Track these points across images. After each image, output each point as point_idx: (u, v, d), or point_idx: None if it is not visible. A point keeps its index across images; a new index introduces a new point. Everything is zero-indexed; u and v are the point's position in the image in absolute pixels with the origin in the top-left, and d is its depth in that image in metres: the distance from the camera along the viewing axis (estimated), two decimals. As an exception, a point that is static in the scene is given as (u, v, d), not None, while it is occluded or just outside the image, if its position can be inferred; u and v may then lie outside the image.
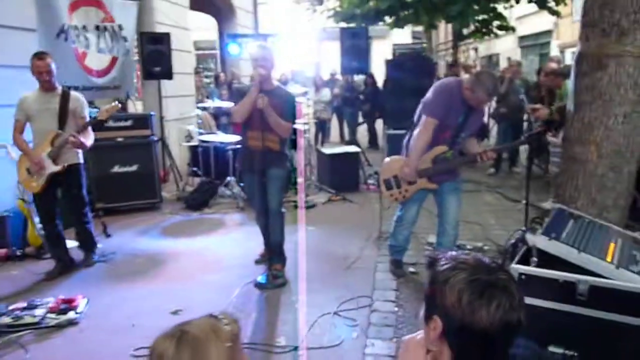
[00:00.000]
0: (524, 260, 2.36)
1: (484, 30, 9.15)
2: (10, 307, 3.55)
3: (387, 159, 4.13)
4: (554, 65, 7.76)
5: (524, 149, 8.53)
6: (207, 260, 4.68)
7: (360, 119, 11.02)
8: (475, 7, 8.07)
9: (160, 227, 5.78)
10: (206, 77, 13.09)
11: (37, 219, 4.86)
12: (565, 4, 9.00)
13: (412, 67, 5.81)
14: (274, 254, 4.11)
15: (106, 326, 3.43)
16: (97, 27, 6.84)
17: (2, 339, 3.19)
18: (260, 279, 4.07)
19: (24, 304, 3.61)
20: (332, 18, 14.47)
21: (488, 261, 1.24)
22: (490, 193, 6.99)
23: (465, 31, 9.03)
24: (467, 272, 1.19)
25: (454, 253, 1.28)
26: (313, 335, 3.25)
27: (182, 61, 8.37)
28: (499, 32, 9.30)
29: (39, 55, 4.17)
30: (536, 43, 29.52)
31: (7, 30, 5.08)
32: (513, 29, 9.27)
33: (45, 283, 4.22)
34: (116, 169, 6.11)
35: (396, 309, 3.60)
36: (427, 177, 3.82)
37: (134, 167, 6.25)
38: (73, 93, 4.40)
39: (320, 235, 5.29)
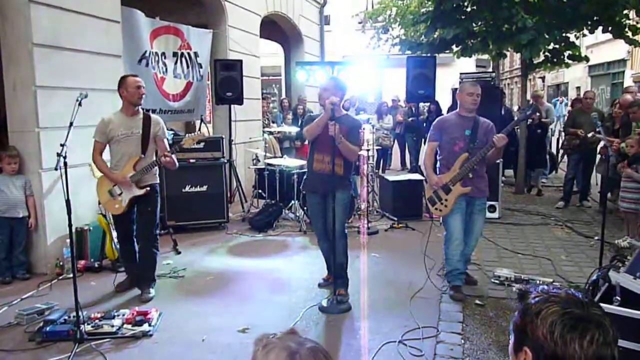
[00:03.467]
0: (606, 299, 2.28)
1: (554, 59, 8.91)
2: (90, 316, 3.76)
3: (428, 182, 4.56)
4: (629, 97, 7.48)
5: (594, 183, 8.22)
6: (273, 281, 4.78)
7: (423, 146, 10.96)
8: (546, 35, 7.90)
9: (227, 247, 5.95)
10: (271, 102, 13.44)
11: (114, 234, 5.15)
12: (643, 33, 8.64)
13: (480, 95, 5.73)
14: (337, 277, 4.15)
15: (178, 340, 3.56)
16: (175, 54, 7.27)
17: (83, 346, 3.36)
18: (325, 302, 4.11)
19: (102, 314, 3.81)
20: (397, 46, 14.63)
21: (581, 296, 1.23)
22: (560, 227, 6.74)
23: (535, 60, 8.82)
24: (560, 305, 1.19)
25: (545, 287, 1.28)
26: (378, 362, 3.24)
27: (251, 87, 8.68)
28: (570, 62, 9.01)
29: (130, 75, 4.43)
30: (608, 72, 28.50)
31: (97, 57, 5.48)
32: (587, 59, 8.98)
33: (121, 295, 4.44)
34: (187, 188, 6.39)
35: (462, 341, 3.53)
36: (459, 181, 4.26)
37: (204, 188, 6.51)
38: (154, 117, 4.55)
39: (383, 262, 5.29)
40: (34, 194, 4.91)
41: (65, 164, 3.34)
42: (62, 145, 3.36)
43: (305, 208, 6.71)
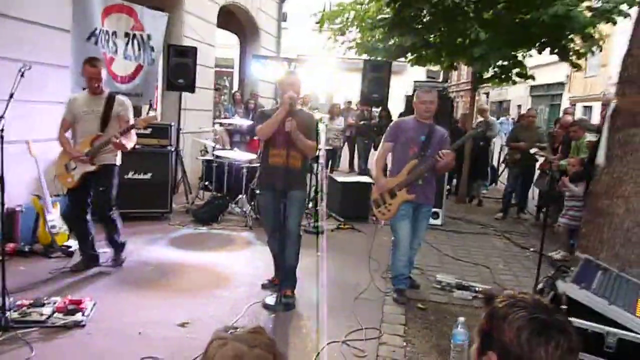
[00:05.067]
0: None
1: (502, 76, 9.23)
2: (17, 303, 3.52)
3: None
4: (569, 117, 7.88)
5: (531, 197, 8.57)
6: (216, 275, 4.66)
7: (372, 150, 11.07)
8: (497, 51, 8.15)
9: (169, 238, 5.76)
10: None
11: (49, 217, 4.87)
12: (586, 59, 9.10)
13: None
14: (286, 278, 4.09)
15: (113, 332, 3.39)
16: (127, 34, 6.96)
17: (8, 334, 3.14)
18: (269, 300, 4.04)
19: (30, 301, 3.57)
20: (352, 49, 14.71)
21: (546, 302, 1.24)
22: (498, 237, 6.97)
23: (484, 75, 9.10)
24: (527, 310, 1.19)
25: (511, 291, 1.28)
26: (321, 361, 3.20)
27: (204, 76, 8.47)
28: (517, 79, 9.36)
29: (91, 62, 4.37)
30: (547, 94, 30.00)
31: (44, 29, 5.16)
32: (533, 78, 9.35)
33: (52, 282, 4.20)
34: (130, 175, 6.11)
35: (404, 343, 3.56)
36: (405, 187, 4.29)
37: (148, 176, 6.27)
38: (118, 97, 4.53)
39: (329, 263, 5.25)
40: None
41: (1, 137, 3.10)
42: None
43: (252, 203, 6.60)
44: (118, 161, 4.58)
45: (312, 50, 15.62)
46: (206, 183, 7.19)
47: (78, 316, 3.45)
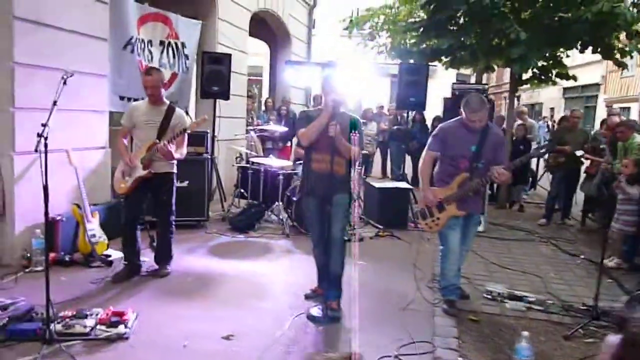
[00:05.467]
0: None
1: (542, 77, 8.93)
2: (60, 314, 3.45)
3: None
4: (616, 118, 7.53)
5: (578, 202, 8.22)
6: (257, 286, 4.53)
7: (406, 156, 10.86)
8: (537, 51, 7.87)
9: (208, 246, 5.67)
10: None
11: (89, 226, 4.83)
12: (632, 57, 8.73)
13: None
14: (331, 288, 3.92)
15: (157, 345, 3.28)
16: (161, 43, 6.96)
17: (52, 347, 3.06)
18: (314, 312, 3.88)
19: (73, 312, 3.50)
20: (381, 54, 14.55)
21: None
22: (544, 244, 6.68)
23: (523, 77, 8.81)
24: None
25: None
26: (375, 378, 3.03)
27: (238, 83, 8.41)
28: (557, 80, 9.04)
29: (148, 71, 4.53)
30: (582, 95, 29.20)
31: (81, 37, 5.15)
32: (575, 78, 9.01)
33: (94, 292, 4.14)
34: (167, 183, 6.05)
35: (460, 358, 3.35)
36: (455, 202, 4.06)
37: (185, 183, 6.20)
38: (178, 110, 4.60)
39: (370, 271, 5.08)
40: (4, 179, 4.54)
41: (45, 145, 3.04)
42: (43, 125, 3.07)
43: (289, 210, 6.48)
44: (175, 169, 4.65)
45: (341, 55, 15.52)
46: (241, 190, 7.10)
47: (121, 328, 3.36)
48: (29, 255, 4.55)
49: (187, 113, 7.02)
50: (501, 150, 4.20)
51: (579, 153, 7.54)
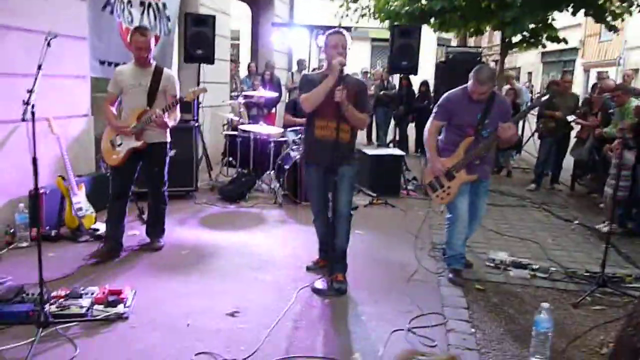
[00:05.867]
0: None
1: (531, 40, 8.80)
2: (53, 294, 3.24)
3: (427, 167, 4.24)
4: (611, 82, 7.45)
5: (566, 167, 8.22)
6: (254, 257, 4.37)
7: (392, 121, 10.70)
8: (530, 14, 7.71)
9: (199, 217, 5.48)
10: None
11: (75, 199, 4.58)
12: (623, 19, 8.63)
13: (466, 72, 5.48)
14: (336, 261, 3.78)
15: (159, 324, 3.11)
16: (142, 3, 6.57)
17: (48, 330, 2.86)
18: (319, 284, 3.75)
19: (67, 292, 3.29)
20: (364, 17, 14.18)
21: None
22: (537, 209, 6.66)
23: (513, 40, 8.67)
24: None
25: None
26: (391, 354, 2.92)
27: (221, 47, 8.05)
28: (547, 43, 8.93)
29: (140, 31, 4.08)
30: (560, 60, 29.27)
31: (57, -3, 4.77)
32: (565, 41, 8.91)
33: (85, 269, 3.92)
34: (154, 152, 5.78)
35: (472, 330, 3.27)
36: (464, 168, 3.98)
37: (172, 153, 5.91)
38: (166, 71, 4.26)
39: (368, 241, 4.97)
40: (-19, 150, 4.25)
41: (33, 113, 2.77)
42: (29, 92, 2.79)
43: (281, 179, 6.30)
44: (168, 137, 4.35)
45: (324, 19, 15.06)
46: (230, 159, 6.87)
47: (120, 308, 3.18)
48: (12, 230, 4.29)
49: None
50: (508, 116, 4.05)
51: (570, 118, 7.49)
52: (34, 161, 2.80)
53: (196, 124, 6.24)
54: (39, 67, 2.93)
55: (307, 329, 3.17)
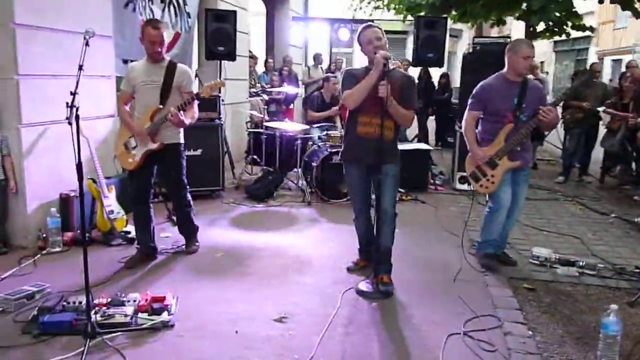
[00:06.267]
0: None
1: (555, 29, 8.59)
2: (94, 302, 3.14)
3: (467, 156, 4.16)
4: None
5: (594, 159, 8.04)
6: (292, 259, 4.26)
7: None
8: (558, 2, 7.51)
9: (229, 218, 5.37)
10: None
11: (106, 201, 4.48)
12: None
13: (494, 63, 5.31)
14: (381, 262, 3.64)
15: (206, 332, 3.01)
16: (162, 0, 6.43)
17: (94, 341, 2.76)
18: (363, 286, 3.63)
19: (108, 299, 3.19)
20: (378, 9, 14.00)
21: None
22: (570, 203, 6.50)
23: (538, 29, 8.46)
24: None
25: None
26: (450, 360, 2.80)
27: (241, 43, 7.90)
28: (572, 32, 8.72)
29: (153, 24, 3.85)
30: (573, 48, 28.88)
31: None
32: (591, 29, 8.69)
33: (122, 274, 3.82)
34: (180, 152, 5.68)
35: (530, 332, 3.14)
36: (506, 155, 3.93)
37: (198, 152, 5.85)
38: (180, 66, 4.02)
39: (405, 239, 4.80)
40: (11, 154, 4.14)
41: (77, 117, 2.66)
42: (72, 94, 2.69)
43: (309, 177, 6.17)
44: (182, 139, 4.14)
45: (338, 12, 14.89)
46: (254, 157, 6.75)
47: (164, 315, 3.07)
48: (44, 235, 4.20)
49: (197, 76, 6.57)
50: (543, 100, 4.01)
51: (600, 109, 7.29)
52: (79, 167, 2.70)
53: (222, 122, 6.11)
54: (80, 68, 2.85)
55: (359, 335, 3.05)
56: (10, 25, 3.91)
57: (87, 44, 2.95)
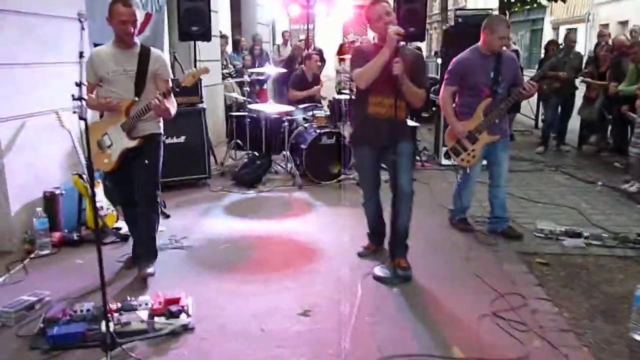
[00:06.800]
0: None
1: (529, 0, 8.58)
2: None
3: (446, 131, 4.28)
4: (624, 38, 7.34)
5: (572, 127, 8.16)
6: (300, 246, 4.11)
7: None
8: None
9: (221, 206, 5.15)
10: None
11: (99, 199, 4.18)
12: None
13: (476, 35, 5.24)
14: (398, 244, 3.54)
15: (231, 332, 2.84)
16: (131, -22, 6.01)
17: (114, 352, 2.55)
18: (380, 271, 3.52)
19: (117, 305, 2.97)
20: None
21: None
22: (555, 173, 6.57)
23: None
24: None
25: None
26: (491, 345, 2.73)
27: (214, 22, 7.56)
28: (544, 3, 8.75)
29: (123, 1, 3.28)
30: (527, 19, 29.33)
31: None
32: (564, 0, 8.73)
33: (123, 275, 3.59)
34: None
35: (556, 308, 3.12)
36: (485, 130, 4.03)
37: (182, 139, 5.57)
38: (154, 51, 3.49)
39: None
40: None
41: (82, 109, 2.41)
42: (78, 85, 2.41)
43: (297, 160, 5.99)
44: (161, 129, 3.62)
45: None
46: (237, 141, 6.51)
47: (183, 318, 2.88)
48: (31, 238, 3.89)
49: (174, 57, 6.23)
50: (519, 71, 4.16)
51: (578, 80, 7.37)
52: (90, 164, 2.43)
53: (204, 107, 5.82)
54: (81, 55, 2.54)
55: (388, 324, 2.94)
56: (-23, 9, 3.53)
57: (83, 28, 2.64)
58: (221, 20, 12.22)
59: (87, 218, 4.17)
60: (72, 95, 2.38)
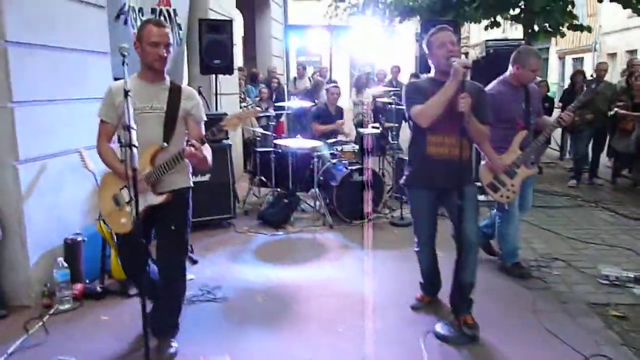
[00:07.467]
0: None
1: (550, 30, 8.40)
2: (139, 379, 2.54)
3: (481, 166, 3.98)
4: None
5: (604, 161, 7.87)
6: (345, 298, 3.73)
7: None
8: (560, 3, 7.30)
9: (250, 250, 4.78)
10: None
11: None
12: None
13: (504, 67, 4.96)
14: (464, 300, 3.17)
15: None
16: (153, 10, 5.83)
17: None
18: (443, 329, 3.15)
19: (152, 372, 2.59)
20: (356, 15, 13.65)
21: None
22: (596, 209, 6.22)
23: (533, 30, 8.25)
24: None
25: None
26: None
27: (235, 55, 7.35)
28: (567, 32, 8.56)
29: (155, 21, 2.83)
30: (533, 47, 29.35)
31: (76, 5, 4.01)
32: (589, 29, 8.55)
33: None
34: (188, 178, 5.07)
35: (653, 374, 2.74)
36: (523, 164, 3.87)
37: (207, 177, 5.24)
38: (186, 88, 2.97)
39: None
40: (9, 195, 3.44)
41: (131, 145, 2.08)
42: (127, 129, 2.14)
43: (326, 199, 5.66)
44: (191, 182, 3.04)
45: (312, 19, 14.46)
46: (261, 178, 6.19)
47: (231, 389, 2.50)
48: (50, 291, 3.53)
49: (199, 92, 5.95)
50: (539, 98, 4.19)
51: (611, 112, 7.10)
52: (136, 203, 2.10)
53: (230, 143, 5.53)
54: (126, 95, 2.24)
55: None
56: (1, 43, 3.25)
57: (123, 63, 2.34)
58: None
59: (112, 267, 3.81)
60: (124, 126, 2.01)
